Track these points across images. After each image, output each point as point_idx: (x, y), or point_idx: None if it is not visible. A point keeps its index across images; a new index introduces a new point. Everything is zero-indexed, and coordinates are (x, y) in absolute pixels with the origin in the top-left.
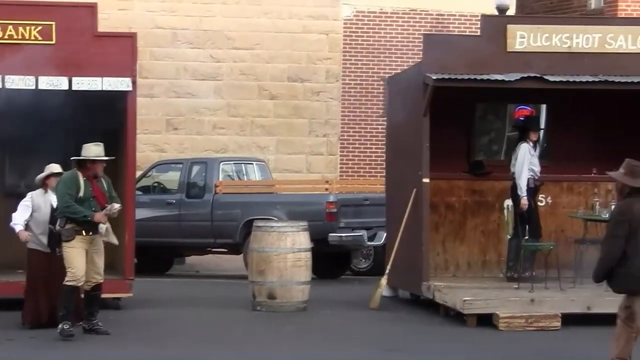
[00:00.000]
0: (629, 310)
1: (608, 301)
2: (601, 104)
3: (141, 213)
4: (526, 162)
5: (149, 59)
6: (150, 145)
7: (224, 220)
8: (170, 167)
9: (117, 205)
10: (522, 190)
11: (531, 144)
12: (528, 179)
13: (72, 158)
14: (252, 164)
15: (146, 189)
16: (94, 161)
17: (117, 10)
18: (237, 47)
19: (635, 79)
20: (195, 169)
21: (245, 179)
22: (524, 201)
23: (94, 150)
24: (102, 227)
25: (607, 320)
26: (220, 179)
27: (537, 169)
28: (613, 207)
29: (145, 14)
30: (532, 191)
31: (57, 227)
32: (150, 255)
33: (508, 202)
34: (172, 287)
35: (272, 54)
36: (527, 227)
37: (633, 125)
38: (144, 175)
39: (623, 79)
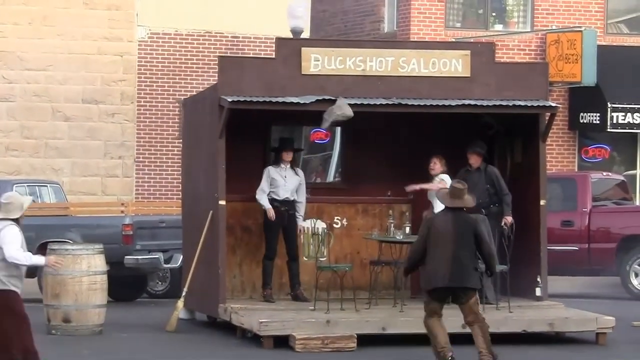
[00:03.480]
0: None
1: (402, 322)
2: (396, 126)
3: None
4: (263, 184)
5: None
6: None
7: None
8: None
9: None
10: (263, 204)
11: (283, 165)
12: (269, 199)
13: None
14: (46, 186)
15: None
16: None
17: None
18: (30, 68)
19: (428, 102)
20: None
21: (40, 202)
22: (269, 210)
23: None
24: None
25: (401, 340)
26: None
27: (281, 190)
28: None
29: None
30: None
31: None
32: None
33: (304, 224)
34: None
35: (66, 75)
36: (274, 245)
37: (427, 147)
38: None
39: (416, 102)
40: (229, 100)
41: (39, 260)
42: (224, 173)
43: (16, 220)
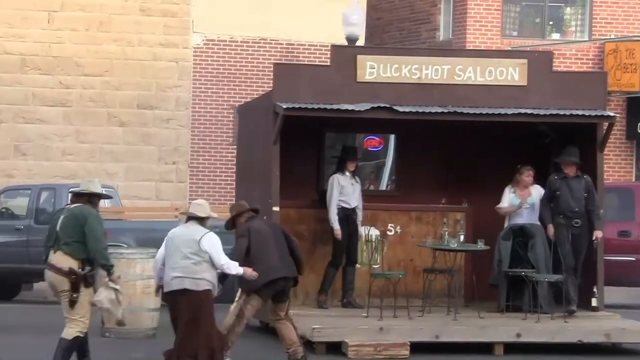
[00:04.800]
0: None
1: (456, 330)
2: (450, 134)
3: None
4: (335, 192)
5: None
6: None
7: None
8: (18, 192)
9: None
10: (332, 221)
11: (348, 174)
12: (339, 208)
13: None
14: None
15: None
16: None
17: None
18: (86, 73)
19: (484, 111)
20: (44, 195)
21: None
22: (337, 232)
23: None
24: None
25: (454, 348)
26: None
27: (351, 198)
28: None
29: None
30: (344, 220)
31: (86, 268)
32: None
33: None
34: (19, 314)
35: (122, 81)
36: (343, 254)
37: (481, 156)
38: None
39: (471, 110)
40: (284, 106)
41: (240, 270)
42: (277, 179)
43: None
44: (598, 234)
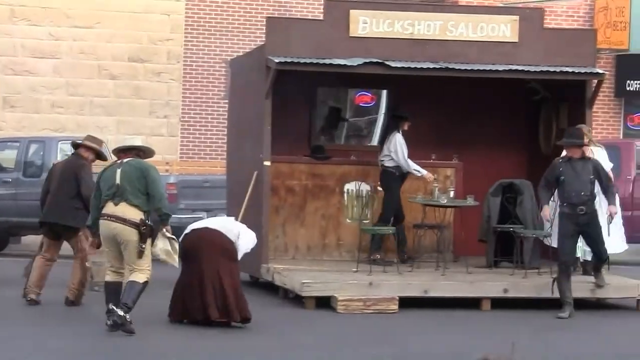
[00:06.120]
0: None
1: (444, 285)
2: (441, 90)
3: None
4: (405, 149)
5: None
6: None
7: None
8: (7, 145)
9: None
10: (419, 170)
11: (401, 132)
12: (396, 167)
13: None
14: None
15: None
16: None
17: None
18: (77, 25)
19: (475, 67)
20: (33, 147)
21: None
22: (428, 174)
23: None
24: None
25: (443, 303)
26: (59, 159)
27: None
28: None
29: None
30: (400, 179)
31: (150, 221)
32: None
33: (348, 187)
34: (7, 267)
35: (113, 33)
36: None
37: (472, 112)
38: None
39: (463, 66)
40: (276, 61)
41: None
42: (269, 134)
43: None
44: (612, 210)
